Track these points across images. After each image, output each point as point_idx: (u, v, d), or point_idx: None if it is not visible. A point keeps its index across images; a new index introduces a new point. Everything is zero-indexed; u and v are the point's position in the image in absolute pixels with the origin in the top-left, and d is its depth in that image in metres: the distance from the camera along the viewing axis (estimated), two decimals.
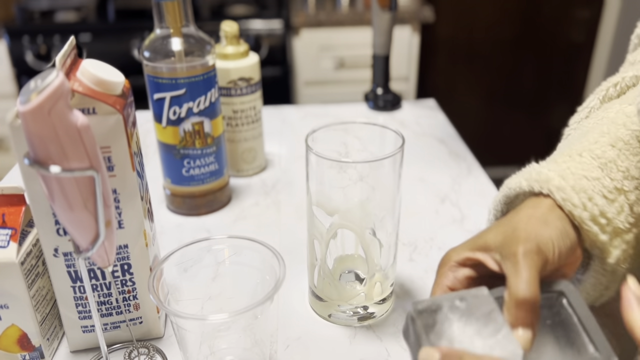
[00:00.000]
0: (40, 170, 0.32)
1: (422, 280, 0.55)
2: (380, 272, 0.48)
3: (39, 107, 0.30)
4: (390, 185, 0.45)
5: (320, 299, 0.50)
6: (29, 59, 1.68)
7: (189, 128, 0.61)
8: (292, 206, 0.69)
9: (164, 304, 0.39)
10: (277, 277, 0.40)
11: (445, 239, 0.62)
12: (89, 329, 0.46)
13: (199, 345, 0.42)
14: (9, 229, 0.42)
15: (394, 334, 0.49)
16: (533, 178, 0.40)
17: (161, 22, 0.59)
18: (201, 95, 0.60)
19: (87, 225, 0.35)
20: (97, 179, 0.34)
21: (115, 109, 0.39)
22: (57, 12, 1.81)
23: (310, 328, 0.49)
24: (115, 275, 0.44)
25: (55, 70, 0.31)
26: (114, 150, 0.40)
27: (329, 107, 1.01)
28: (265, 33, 1.72)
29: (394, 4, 0.90)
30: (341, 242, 0.47)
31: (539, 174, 0.39)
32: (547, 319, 0.35)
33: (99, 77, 0.38)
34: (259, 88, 0.72)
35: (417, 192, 0.72)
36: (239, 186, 0.74)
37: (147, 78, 0.60)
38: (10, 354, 0.44)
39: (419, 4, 1.84)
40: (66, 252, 0.42)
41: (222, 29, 0.69)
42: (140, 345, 0.46)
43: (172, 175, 0.65)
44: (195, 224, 0.65)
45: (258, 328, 0.41)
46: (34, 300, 0.43)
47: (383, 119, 0.96)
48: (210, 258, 0.44)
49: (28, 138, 0.32)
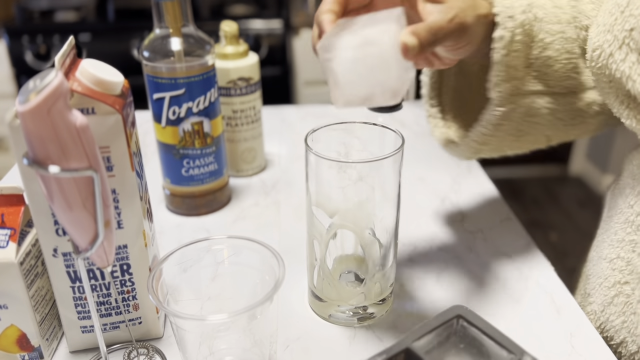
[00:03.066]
0: (39, 170, 0.32)
1: (422, 280, 0.55)
2: (380, 273, 0.48)
3: (38, 107, 0.30)
4: (390, 185, 0.45)
5: (320, 299, 0.50)
6: (28, 58, 1.68)
7: (188, 128, 0.61)
8: (292, 206, 0.69)
9: (163, 304, 0.39)
10: (276, 277, 0.40)
11: (445, 239, 0.62)
12: (88, 329, 0.46)
13: (199, 346, 0.42)
14: (8, 229, 0.42)
15: (393, 334, 0.48)
16: None
17: (160, 22, 0.58)
18: (201, 95, 0.60)
19: (86, 225, 0.35)
20: (96, 179, 0.33)
21: (115, 109, 0.39)
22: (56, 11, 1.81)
23: (310, 328, 0.49)
24: (114, 275, 0.44)
25: (54, 70, 0.31)
26: (113, 150, 0.40)
27: (329, 107, 1.01)
28: (265, 33, 1.72)
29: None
30: (341, 242, 0.47)
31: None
32: (459, 343, 0.37)
33: (98, 77, 0.38)
34: (259, 88, 0.72)
35: (417, 192, 0.72)
36: (238, 186, 0.73)
37: (146, 78, 0.60)
38: (9, 354, 0.44)
39: None
40: (65, 252, 0.42)
41: (222, 29, 0.69)
42: (140, 346, 0.46)
43: (172, 175, 0.65)
44: (195, 224, 0.65)
45: (257, 328, 0.41)
46: (33, 301, 0.43)
47: (383, 119, 0.96)
48: (210, 258, 0.44)
49: (27, 138, 0.32)
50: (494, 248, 0.60)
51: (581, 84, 0.52)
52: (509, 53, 0.47)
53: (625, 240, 0.50)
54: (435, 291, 0.54)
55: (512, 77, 0.48)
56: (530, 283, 0.55)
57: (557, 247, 2.10)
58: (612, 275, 0.51)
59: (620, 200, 0.52)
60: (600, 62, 0.45)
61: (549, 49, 0.48)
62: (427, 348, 0.36)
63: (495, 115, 0.50)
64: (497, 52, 0.47)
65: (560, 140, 0.56)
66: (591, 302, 0.54)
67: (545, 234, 2.19)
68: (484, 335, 0.36)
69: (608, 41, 0.44)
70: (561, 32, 0.49)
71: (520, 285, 0.54)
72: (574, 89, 0.51)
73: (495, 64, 0.47)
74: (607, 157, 2.40)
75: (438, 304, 0.52)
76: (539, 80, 0.50)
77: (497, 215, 0.67)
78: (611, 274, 0.51)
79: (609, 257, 0.51)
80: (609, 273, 0.51)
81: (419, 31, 0.39)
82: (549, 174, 2.62)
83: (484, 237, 0.62)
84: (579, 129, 0.55)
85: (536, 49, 0.48)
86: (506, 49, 0.46)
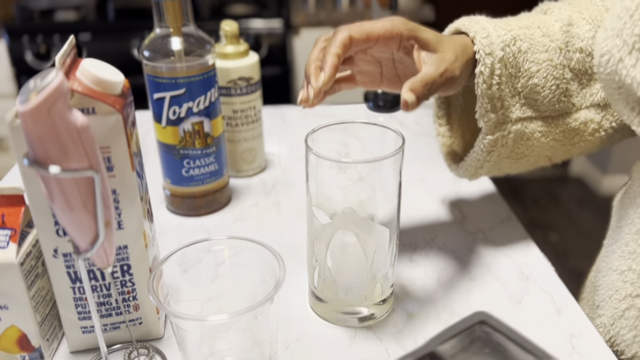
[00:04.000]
0: (40, 170, 0.32)
1: (423, 280, 0.55)
2: (380, 273, 0.48)
3: (38, 107, 0.30)
4: (390, 185, 0.45)
5: (320, 299, 0.50)
6: (28, 58, 1.68)
7: (188, 128, 0.61)
8: (292, 206, 0.69)
9: (163, 305, 0.39)
10: (277, 277, 0.39)
11: (445, 239, 0.62)
12: (88, 329, 0.46)
13: (199, 346, 0.42)
14: (8, 229, 0.42)
15: (394, 334, 0.48)
16: (462, 22, 0.53)
17: (161, 22, 0.58)
18: (201, 95, 0.60)
19: (86, 225, 0.35)
20: (97, 179, 0.33)
21: (115, 109, 0.39)
22: (56, 11, 1.81)
23: (310, 329, 0.49)
24: (114, 276, 0.44)
25: (54, 70, 0.31)
26: (113, 150, 0.40)
27: (329, 107, 1.01)
28: (265, 32, 1.72)
29: (394, 4, 0.90)
30: (341, 243, 0.47)
31: (470, 20, 0.53)
32: (484, 348, 0.37)
33: (98, 76, 0.38)
34: (259, 88, 0.72)
35: (417, 192, 0.72)
36: (238, 186, 0.73)
37: (146, 78, 0.60)
38: (9, 355, 0.44)
39: (419, 3, 1.84)
40: (66, 252, 0.42)
41: (222, 29, 0.69)
42: (140, 346, 0.46)
43: (172, 175, 0.65)
44: (195, 225, 0.65)
45: (258, 329, 0.41)
46: (33, 301, 0.43)
47: (383, 119, 0.96)
48: (210, 259, 0.44)
49: (27, 138, 0.32)
50: (494, 248, 0.60)
51: (573, 105, 0.53)
52: (490, 87, 0.50)
53: (637, 252, 0.49)
54: (436, 291, 0.54)
55: (497, 108, 0.51)
56: (530, 283, 0.55)
57: (557, 247, 2.10)
58: (623, 287, 0.50)
59: (631, 210, 0.51)
60: (609, 67, 0.44)
61: (535, 77, 0.51)
62: (452, 352, 0.35)
63: (485, 143, 0.53)
64: (479, 87, 0.49)
65: (563, 159, 0.58)
66: (600, 315, 0.53)
67: (545, 234, 2.19)
68: (508, 341, 0.36)
69: (617, 46, 0.43)
70: (549, 60, 0.51)
71: (520, 285, 0.54)
72: (566, 111, 0.53)
73: (479, 97, 0.50)
74: (607, 157, 2.40)
75: (438, 304, 0.52)
76: (529, 107, 0.52)
77: (497, 215, 0.67)
78: (622, 287, 0.50)
79: (619, 268, 0.50)
80: (619, 285, 0.50)
81: (416, 87, 0.44)
82: (549, 174, 2.62)
83: (484, 237, 0.62)
84: (580, 148, 0.56)
85: (523, 79, 0.51)
86: (486, 83, 0.49)
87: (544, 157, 0.56)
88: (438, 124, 0.62)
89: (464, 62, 0.48)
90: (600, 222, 2.24)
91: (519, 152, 0.54)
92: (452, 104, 0.61)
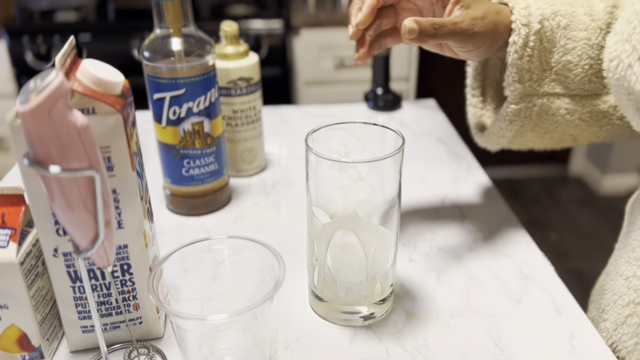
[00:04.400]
0: (40, 170, 0.32)
1: (422, 280, 0.55)
2: (380, 272, 0.48)
3: (39, 107, 0.30)
4: (390, 185, 0.45)
5: (320, 299, 0.50)
6: (28, 58, 1.68)
7: (188, 128, 0.61)
8: (292, 206, 0.69)
9: (163, 304, 0.39)
10: (277, 277, 0.40)
11: (445, 239, 0.62)
12: (88, 329, 0.46)
13: (199, 346, 0.42)
14: (8, 229, 0.42)
15: (394, 334, 0.49)
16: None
17: (161, 22, 0.59)
18: (201, 95, 0.60)
19: (86, 225, 0.35)
20: (97, 179, 0.34)
21: (115, 109, 0.39)
22: (57, 12, 1.81)
23: (310, 328, 0.49)
24: (114, 275, 0.44)
25: (54, 70, 0.31)
26: (113, 150, 0.40)
27: (329, 107, 1.01)
28: (265, 33, 1.72)
29: None
30: (341, 242, 0.47)
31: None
32: None
33: (98, 77, 0.38)
34: (259, 88, 0.72)
35: (417, 192, 0.72)
36: (238, 186, 0.73)
37: (146, 78, 0.60)
38: (9, 354, 0.44)
39: None
40: (66, 252, 0.42)
41: (222, 29, 0.69)
42: (140, 346, 0.46)
43: (172, 175, 0.65)
44: (195, 224, 0.65)
45: (258, 328, 0.41)
46: (33, 301, 0.43)
47: (383, 119, 0.96)
48: (210, 258, 0.44)
49: (27, 138, 0.32)
50: (494, 248, 0.60)
51: (604, 87, 0.53)
52: (521, 57, 0.50)
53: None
54: (435, 291, 0.54)
55: (525, 79, 0.51)
56: (530, 283, 0.55)
57: (557, 247, 2.10)
58: (627, 293, 0.49)
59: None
60: (618, 73, 0.43)
61: (570, 54, 0.51)
62: None
63: (508, 111, 0.53)
64: (510, 56, 0.50)
65: (588, 142, 0.58)
66: (605, 319, 0.53)
67: (545, 234, 2.19)
68: None
69: (626, 51, 0.42)
70: (586, 38, 0.51)
71: (520, 285, 0.54)
72: (596, 92, 0.53)
73: (509, 65, 0.50)
74: (607, 157, 2.40)
75: (438, 304, 0.52)
76: (559, 83, 0.52)
77: (497, 215, 0.67)
78: (626, 292, 0.49)
79: (625, 274, 0.50)
80: (624, 291, 0.50)
81: (422, 20, 0.44)
82: (549, 174, 2.62)
83: (484, 237, 0.62)
84: (607, 131, 0.56)
85: (557, 54, 0.51)
86: (518, 54, 0.50)
87: (569, 137, 0.57)
88: (472, 94, 0.63)
89: (490, 23, 0.48)
90: (600, 222, 2.24)
91: (543, 127, 0.55)
92: (489, 77, 0.62)
